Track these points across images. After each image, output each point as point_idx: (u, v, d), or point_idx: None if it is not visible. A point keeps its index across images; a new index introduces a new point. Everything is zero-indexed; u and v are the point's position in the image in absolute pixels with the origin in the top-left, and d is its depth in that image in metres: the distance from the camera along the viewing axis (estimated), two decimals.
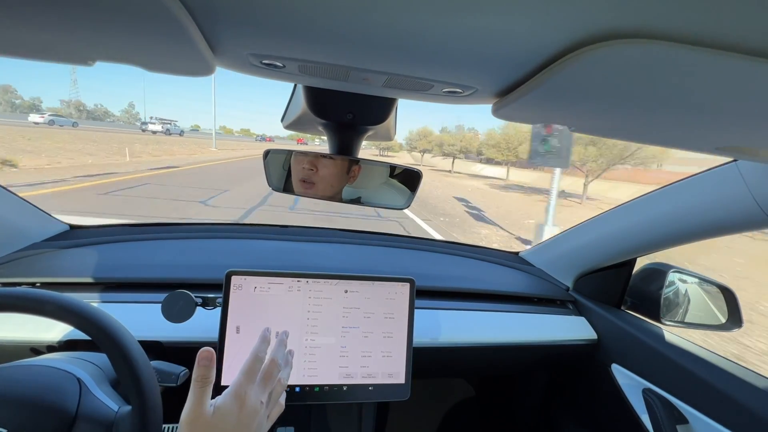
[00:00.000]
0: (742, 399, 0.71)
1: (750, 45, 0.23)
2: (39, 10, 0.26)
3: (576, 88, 0.32)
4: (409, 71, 0.36)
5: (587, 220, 1.07)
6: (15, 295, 0.50)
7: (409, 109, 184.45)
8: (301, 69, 0.39)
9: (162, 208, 6.37)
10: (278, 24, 0.28)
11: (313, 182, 0.65)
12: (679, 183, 0.79)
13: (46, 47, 0.34)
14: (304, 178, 0.66)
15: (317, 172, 0.65)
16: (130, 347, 0.52)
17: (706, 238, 0.77)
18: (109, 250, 0.98)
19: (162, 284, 0.87)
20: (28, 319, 0.52)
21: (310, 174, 0.65)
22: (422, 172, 0.69)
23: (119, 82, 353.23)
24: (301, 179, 0.66)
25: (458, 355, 0.94)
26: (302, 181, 0.66)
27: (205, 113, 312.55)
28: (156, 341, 0.75)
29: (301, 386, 0.71)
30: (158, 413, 0.52)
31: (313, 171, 0.65)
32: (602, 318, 1.03)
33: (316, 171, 0.65)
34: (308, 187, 0.66)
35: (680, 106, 0.33)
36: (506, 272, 1.21)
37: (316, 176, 0.65)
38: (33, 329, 0.72)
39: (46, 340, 0.71)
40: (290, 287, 0.73)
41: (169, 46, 0.32)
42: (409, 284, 0.78)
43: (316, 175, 0.65)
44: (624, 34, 0.24)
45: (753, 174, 0.63)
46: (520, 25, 0.25)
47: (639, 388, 0.89)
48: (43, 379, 0.52)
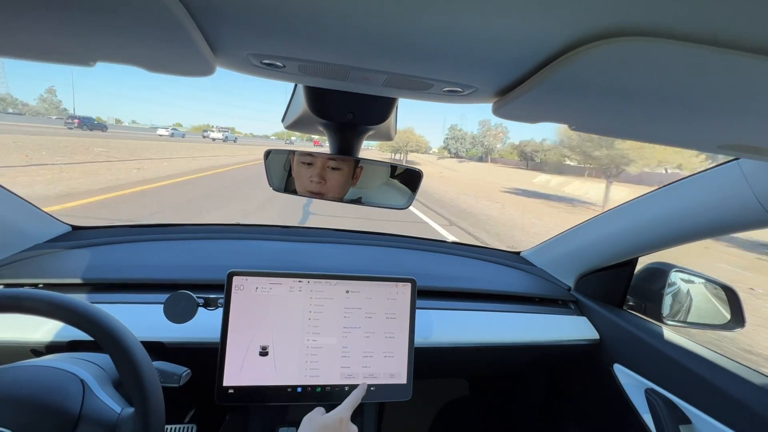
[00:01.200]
0: (746, 399, 0.70)
1: (751, 42, 0.23)
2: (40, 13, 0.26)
3: (577, 86, 0.31)
4: (409, 71, 0.36)
5: (589, 220, 1.06)
6: (18, 296, 0.50)
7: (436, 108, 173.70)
8: (302, 69, 0.39)
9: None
10: (278, 24, 0.28)
11: (321, 192, 0.66)
12: (680, 182, 0.79)
13: (48, 49, 0.35)
14: (312, 190, 0.66)
15: (326, 184, 0.66)
16: (132, 348, 0.52)
17: (708, 237, 0.77)
18: (111, 251, 0.98)
19: (164, 285, 0.87)
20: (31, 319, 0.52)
21: (319, 186, 0.66)
22: (423, 172, 0.69)
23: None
24: (309, 191, 0.66)
25: (460, 355, 0.94)
26: (310, 191, 0.67)
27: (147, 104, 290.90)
28: (158, 342, 0.75)
29: (303, 386, 0.71)
30: (161, 414, 0.52)
31: (322, 183, 0.66)
32: (604, 318, 1.03)
33: (325, 183, 0.66)
34: (315, 196, 0.67)
35: (681, 104, 0.33)
36: (508, 272, 1.21)
37: (324, 187, 0.66)
38: (36, 330, 0.72)
39: (49, 341, 0.72)
40: (291, 288, 0.73)
41: (170, 47, 0.32)
42: (411, 284, 0.78)
43: (324, 186, 0.66)
44: (624, 31, 0.24)
45: (755, 172, 0.63)
46: (520, 24, 0.25)
47: (641, 388, 0.89)
48: (47, 379, 0.52)
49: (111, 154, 13.66)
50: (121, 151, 15.04)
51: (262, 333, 0.71)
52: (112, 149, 15.41)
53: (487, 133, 53.07)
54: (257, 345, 0.70)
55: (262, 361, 0.70)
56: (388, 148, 36.92)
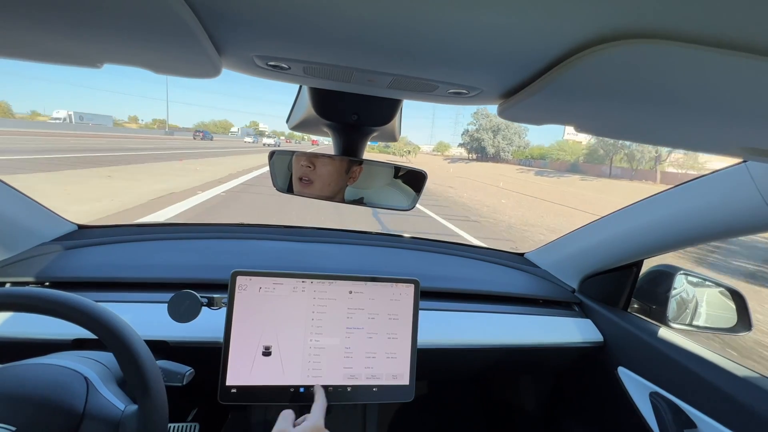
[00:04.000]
0: (752, 403, 0.69)
1: (758, 44, 0.23)
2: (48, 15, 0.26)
3: (584, 89, 0.31)
4: (414, 73, 0.36)
5: (594, 221, 1.06)
6: (24, 294, 0.51)
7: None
8: (306, 70, 0.39)
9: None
10: (284, 26, 0.28)
11: (310, 180, 0.65)
12: (687, 184, 0.78)
13: (56, 51, 0.35)
14: (301, 175, 0.66)
15: (315, 169, 0.65)
16: (136, 346, 0.52)
17: (714, 239, 0.76)
18: (116, 250, 0.99)
19: (168, 284, 0.87)
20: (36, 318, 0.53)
21: (308, 171, 0.65)
22: (427, 173, 0.68)
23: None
24: (299, 177, 0.66)
25: (462, 356, 0.94)
26: (300, 179, 0.66)
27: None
28: (162, 341, 0.75)
29: (306, 386, 0.71)
30: (164, 412, 0.52)
31: (311, 168, 0.65)
32: (608, 320, 1.02)
33: (314, 168, 0.65)
34: (306, 185, 0.66)
35: (690, 106, 0.32)
36: (511, 273, 1.20)
37: (314, 174, 0.65)
38: (41, 328, 0.73)
39: (54, 339, 0.72)
40: (295, 288, 0.73)
41: (177, 49, 0.32)
42: (414, 285, 0.78)
43: (313, 172, 0.65)
44: (631, 34, 0.24)
45: (763, 175, 0.62)
46: (527, 26, 0.25)
47: (646, 391, 0.88)
48: (51, 377, 0.53)
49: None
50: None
51: (265, 333, 0.71)
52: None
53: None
54: (260, 345, 0.71)
55: (265, 361, 0.70)
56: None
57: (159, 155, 16.38)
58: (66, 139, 22.73)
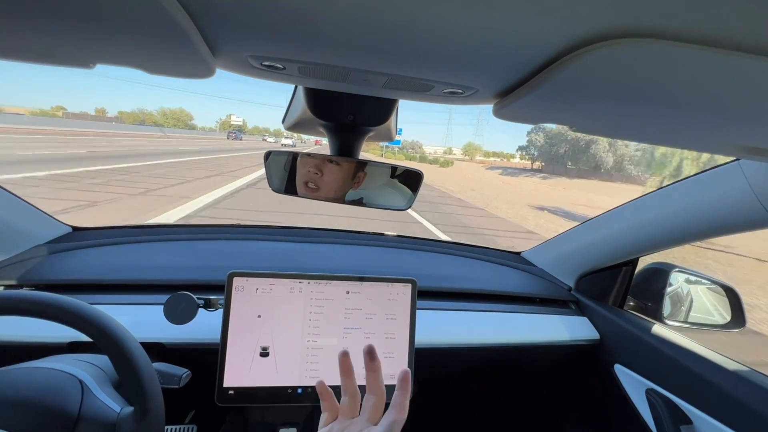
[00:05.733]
0: (747, 399, 0.70)
1: (754, 44, 0.23)
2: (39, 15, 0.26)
3: (579, 88, 0.31)
4: (410, 72, 0.36)
5: (589, 220, 1.06)
6: (17, 298, 0.50)
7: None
8: (301, 70, 0.39)
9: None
10: (278, 26, 0.28)
11: (317, 186, 0.65)
12: (681, 182, 0.79)
13: (47, 51, 0.35)
14: (308, 181, 0.65)
15: (322, 176, 0.65)
16: (131, 349, 0.52)
17: (708, 237, 0.77)
18: (111, 252, 0.98)
19: (164, 286, 0.87)
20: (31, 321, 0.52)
21: (316, 178, 0.65)
22: (423, 173, 0.68)
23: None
24: (305, 181, 0.66)
25: (460, 356, 0.94)
26: (306, 183, 0.66)
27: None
28: (158, 343, 0.75)
29: (303, 387, 0.71)
30: (160, 414, 0.52)
31: (319, 175, 0.65)
32: (605, 318, 1.02)
33: (321, 176, 0.65)
34: (312, 190, 0.66)
35: (685, 106, 0.33)
36: (508, 272, 1.21)
37: (321, 181, 0.65)
38: (35, 331, 0.72)
39: (48, 342, 0.72)
40: (292, 288, 0.73)
41: (170, 49, 0.32)
42: (411, 285, 0.78)
43: (321, 179, 0.65)
44: (626, 33, 0.24)
45: (756, 173, 0.63)
46: (522, 25, 0.25)
47: (642, 388, 0.89)
48: (45, 381, 0.52)
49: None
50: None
51: (262, 334, 0.71)
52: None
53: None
54: (258, 346, 0.70)
55: (263, 362, 0.70)
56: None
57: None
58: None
